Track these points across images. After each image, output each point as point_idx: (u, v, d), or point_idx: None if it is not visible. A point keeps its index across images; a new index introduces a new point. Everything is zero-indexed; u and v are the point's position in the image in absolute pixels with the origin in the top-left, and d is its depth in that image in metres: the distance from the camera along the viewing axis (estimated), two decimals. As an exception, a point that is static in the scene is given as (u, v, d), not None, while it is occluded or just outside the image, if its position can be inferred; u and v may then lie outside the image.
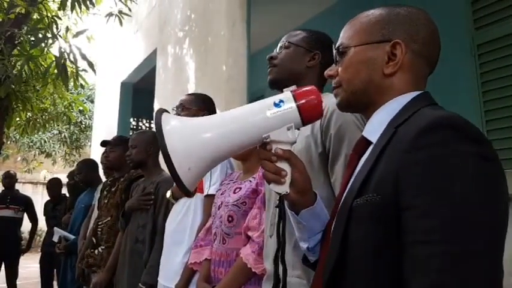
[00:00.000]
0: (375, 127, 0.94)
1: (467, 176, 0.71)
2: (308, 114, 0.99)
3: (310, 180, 1.03)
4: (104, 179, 3.96)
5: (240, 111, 1.02)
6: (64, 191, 5.94)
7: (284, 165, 0.99)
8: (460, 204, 0.69)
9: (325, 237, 1.00)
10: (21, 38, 4.62)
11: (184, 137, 0.96)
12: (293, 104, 0.98)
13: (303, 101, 0.98)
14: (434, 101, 0.92)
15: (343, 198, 0.92)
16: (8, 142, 12.19)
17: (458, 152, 0.73)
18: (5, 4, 4.79)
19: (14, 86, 4.77)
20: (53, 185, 6.08)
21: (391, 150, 0.81)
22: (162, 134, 0.94)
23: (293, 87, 1.02)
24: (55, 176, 7.21)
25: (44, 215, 6.05)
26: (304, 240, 1.08)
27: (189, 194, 0.98)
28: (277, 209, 1.07)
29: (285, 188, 0.99)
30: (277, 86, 1.60)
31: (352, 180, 0.93)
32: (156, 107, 5.08)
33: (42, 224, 6.53)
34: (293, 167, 0.99)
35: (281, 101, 0.99)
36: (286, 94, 1.00)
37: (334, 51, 1.04)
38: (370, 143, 0.94)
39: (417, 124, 0.79)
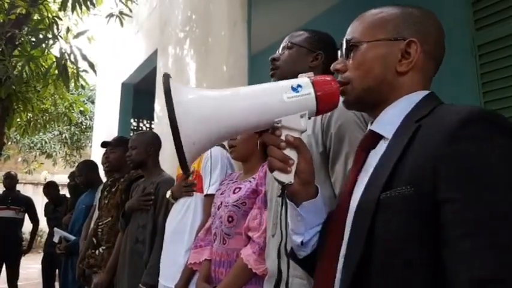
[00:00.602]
0: (387, 122, 0.93)
1: (510, 168, 0.71)
2: (325, 103, 0.95)
3: (314, 172, 1.01)
4: (104, 179, 3.96)
5: (255, 89, 0.97)
6: (65, 191, 5.94)
7: (291, 154, 0.95)
8: (507, 195, 0.69)
9: (331, 234, 0.98)
10: (22, 39, 4.63)
11: (195, 108, 0.89)
12: (311, 91, 0.93)
13: (321, 88, 0.94)
14: (442, 101, 0.92)
15: (358, 193, 0.90)
16: (9, 143, 12.19)
17: (497, 144, 0.73)
18: (6, 5, 4.79)
19: (14, 87, 4.77)
20: (49, 188, 6.08)
21: (421, 144, 0.80)
22: (172, 102, 0.87)
23: (310, 74, 0.99)
24: (56, 176, 7.24)
25: (45, 216, 6.06)
26: (299, 233, 1.04)
27: (187, 170, 0.92)
28: (279, 199, 1.04)
29: (289, 178, 0.95)
30: None
31: (365, 175, 0.91)
32: (157, 108, 5.08)
33: (43, 224, 6.53)
34: (301, 156, 0.96)
35: (299, 85, 0.94)
36: (304, 79, 0.96)
37: (344, 44, 1.01)
38: (380, 137, 0.93)
39: (450, 117, 0.78)
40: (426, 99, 0.92)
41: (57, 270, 5.62)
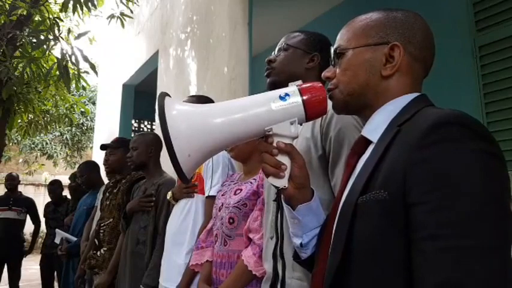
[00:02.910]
0: (375, 127, 0.94)
1: (477, 172, 0.72)
2: (312, 110, 0.99)
3: (308, 176, 1.04)
4: (106, 180, 3.96)
5: (245, 101, 1.02)
6: (66, 192, 5.95)
7: (284, 159, 0.99)
8: (471, 199, 0.70)
9: (323, 236, 1.00)
10: (23, 40, 4.63)
11: (186, 122, 0.95)
12: (298, 99, 0.98)
13: (309, 96, 0.98)
14: (432, 103, 0.93)
15: (344, 196, 0.92)
16: (10, 144, 12.22)
17: (467, 148, 0.73)
18: (7, 6, 4.80)
19: (15, 88, 4.78)
20: (55, 185, 6.07)
21: (397, 148, 0.82)
22: (165, 118, 0.92)
23: (299, 82, 1.02)
24: (57, 177, 7.22)
25: (44, 216, 6.06)
26: (298, 235, 1.08)
27: (186, 181, 0.98)
28: (275, 203, 1.07)
29: (283, 182, 0.99)
30: (277, 89, 1.60)
31: (353, 178, 0.93)
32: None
33: (44, 225, 6.54)
34: (293, 162, 1.00)
35: (286, 94, 0.98)
36: (292, 88, 1.00)
37: (332, 53, 1.04)
38: (369, 142, 0.95)
39: (424, 121, 0.79)
40: (413, 102, 0.92)
41: (55, 272, 5.62)
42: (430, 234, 0.71)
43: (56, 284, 5.79)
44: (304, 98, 0.98)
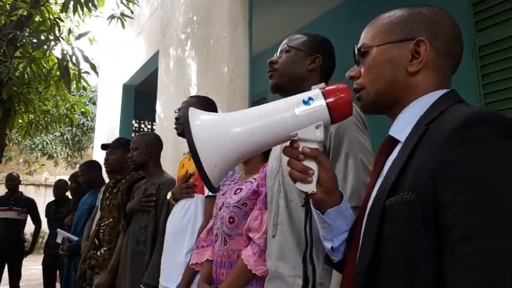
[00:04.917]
0: (402, 126, 0.93)
1: (509, 172, 0.70)
2: (338, 112, 0.96)
3: (336, 179, 1.02)
4: (107, 180, 3.96)
5: (268, 108, 1.00)
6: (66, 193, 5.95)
7: (311, 164, 0.97)
8: (505, 199, 0.69)
9: (352, 239, 0.99)
10: (24, 40, 4.63)
11: (212, 133, 0.94)
12: (323, 102, 0.95)
13: (333, 98, 0.96)
14: (462, 98, 0.91)
15: (373, 197, 0.91)
16: (11, 144, 12.23)
17: (498, 147, 0.72)
18: (7, 6, 4.80)
19: (16, 88, 4.77)
20: (61, 182, 6.07)
21: (425, 148, 0.80)
22: (190, 129, 0.91)
23: (322, 85, 1.00)
24: (57, 177, 7.23)
25: (46, 216, 6.06)
26: (329, 239, 1.06)
27: (213, 191, 0.97)
28: (305, 208, 1.06)
29: (311, 187, 0.97)
30: (280, 90, 1.62)
31: (381, 179, 0.92)
32: (158, 109, 5.09)
33: (44, 225, 6.55)
34: (320, 166, 0.98)
35: (310, 98, 0.96)
36: (315, 91, 0.98)
37: (356, 52, 1.03)
38: (397, 142, 0.94)
39: (452, 120, 0.78)
40: (441, 99, 0.91)
41: (57, 271, 5.63)
42: (462, 235, 0.70)
43: (57, 285, 5.79)
44: (328, 101, 0.95)
